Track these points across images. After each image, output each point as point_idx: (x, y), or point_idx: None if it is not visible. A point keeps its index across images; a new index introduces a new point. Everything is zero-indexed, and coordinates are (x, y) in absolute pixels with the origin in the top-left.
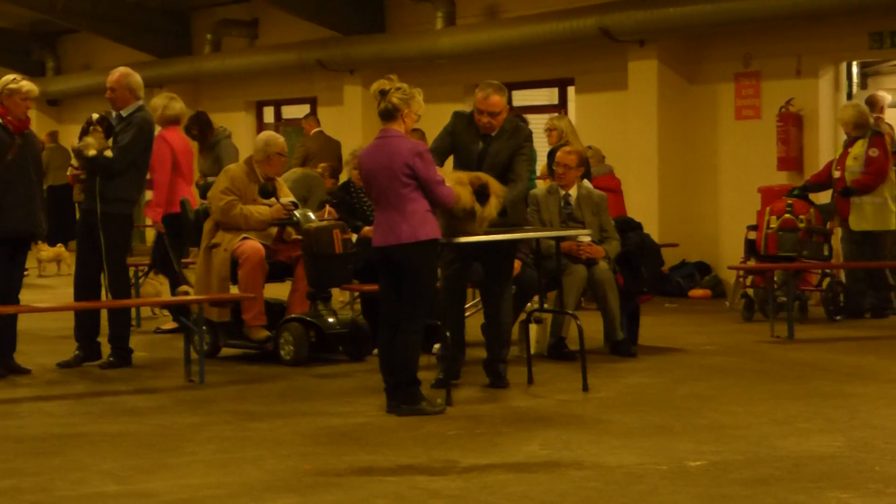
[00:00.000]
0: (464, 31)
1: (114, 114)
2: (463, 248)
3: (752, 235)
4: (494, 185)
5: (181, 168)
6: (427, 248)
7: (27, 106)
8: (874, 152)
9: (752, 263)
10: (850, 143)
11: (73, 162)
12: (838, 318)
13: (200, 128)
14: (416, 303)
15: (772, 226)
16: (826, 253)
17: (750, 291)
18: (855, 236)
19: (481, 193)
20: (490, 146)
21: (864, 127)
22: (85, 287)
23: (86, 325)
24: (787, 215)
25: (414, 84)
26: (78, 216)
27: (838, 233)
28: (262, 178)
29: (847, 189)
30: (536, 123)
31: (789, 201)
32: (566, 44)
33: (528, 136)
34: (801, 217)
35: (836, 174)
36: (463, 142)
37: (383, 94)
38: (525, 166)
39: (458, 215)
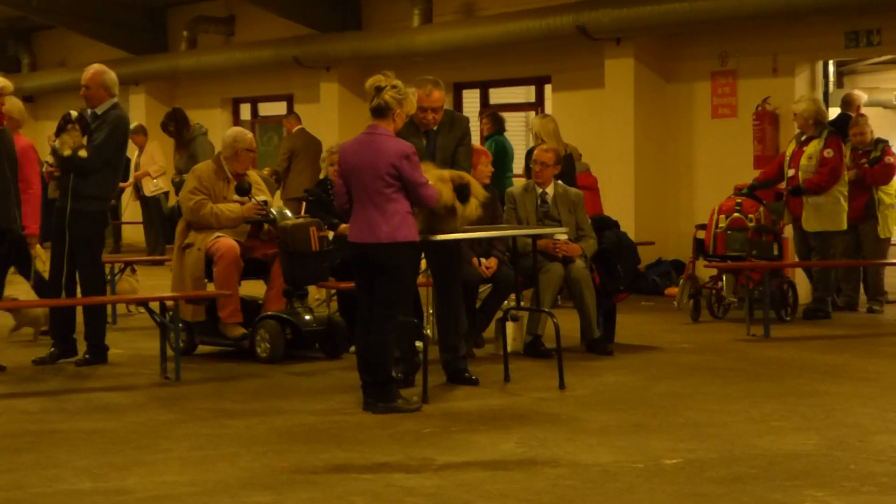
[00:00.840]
0: (441, 28)
1: (89, 111)
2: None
3: (701, 235)
4: (475, 187)
5: None
6: (405, 250)
7: (1, 102)
8: (829, 153)
9: (700, 262)
10: (805, 142)
11: (49, 159)
12: (788, 318)
13: (176, 124)
14: (390, 302)
15: (720, 225)
16: (776, 252)
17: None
18: (808, 236)
19: (461, 192)
20: (436, 142)
21: (820, 125)
22: (54, 284)
23: (61, 323)
24: (735, 214)
25: None
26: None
27: (787, 231)
28: (231, 174)
29: (798, 188)
30: (513, 121)
31: (738, 200)
32: (543, 42)
33: (468, 125)
34: (751, 216)
35: (790, 173)
36: (407, 140)
37: (378, 90)
38: (468, 159)
39: (439, 213)
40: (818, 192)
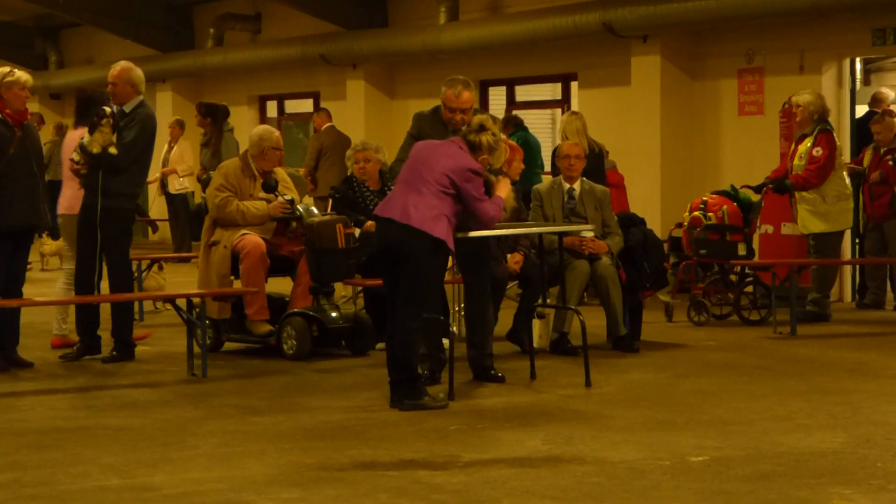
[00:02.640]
0: (467, 25)
1: (116, 109)
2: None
3: (678, 233)
4: (501, 191)
5: None
6: (430, 244)
7: (25, 97)
8: (818, 151)
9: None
10: (800, 139)
11: (75, 156)
12: (768, 319)
13: (214, 119)
14: (413, 299)
15: (684, 224)
16: (743, 252)
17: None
18: (812, 238)
19: None
20: None
21: (820, 122)
22: (85, 281)
23: (87, 319)
24: (696, 213)
25: (416, 80)
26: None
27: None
28: (258, 172)
29: (783, 185)
30: (540, 118)
31: (704, 198)
32: (569, 39)
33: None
34: (709, 214)
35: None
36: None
37: (482, 128)
38: (500, 161)
39: None
40: (805, 189)
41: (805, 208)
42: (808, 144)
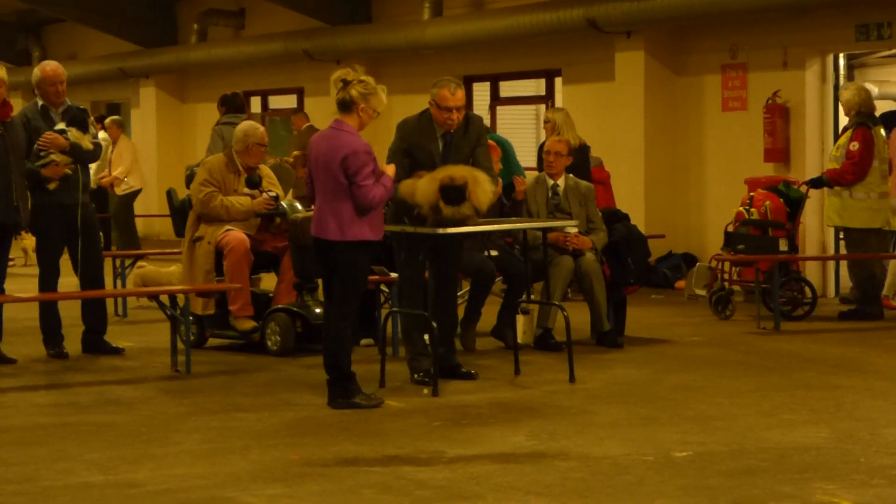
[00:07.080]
0: (451, 21)
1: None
2: (415, 239)
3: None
4: (480, 191)
5: None
6: (354, 249)
7: (4, 93)
8: (855, 146)
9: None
10: (842, 132)
11: (57, 158)
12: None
13: (227, 109)
14: (342, 298)
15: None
16: (784, 248)
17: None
18: (843, 232)
19: (448, 193)
20: (453, 143)
21: (862, 115)
22: (54, 283)
23: (56, 318)
24: (740, 208)
25: (400, 76)
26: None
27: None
28: (243, 168)
29: (819, 179)
30: (524, 114)
31: (752, 193)
32: (553, 35)
33: (483, 125)
34: (752, 210)
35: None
36: (422, 147)
37: (345, 83)
38: (489, 158)
39: (424, 213)
40: (841, 185)
41: (830, 200)
42: (848, 137)
